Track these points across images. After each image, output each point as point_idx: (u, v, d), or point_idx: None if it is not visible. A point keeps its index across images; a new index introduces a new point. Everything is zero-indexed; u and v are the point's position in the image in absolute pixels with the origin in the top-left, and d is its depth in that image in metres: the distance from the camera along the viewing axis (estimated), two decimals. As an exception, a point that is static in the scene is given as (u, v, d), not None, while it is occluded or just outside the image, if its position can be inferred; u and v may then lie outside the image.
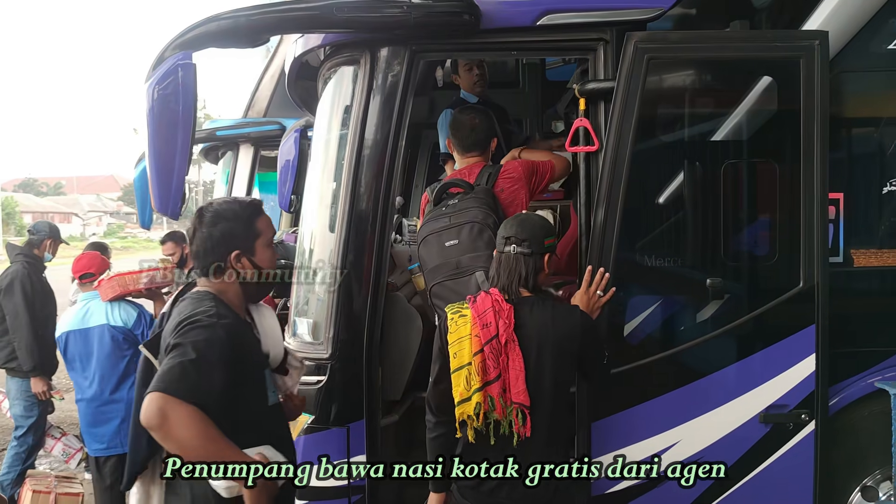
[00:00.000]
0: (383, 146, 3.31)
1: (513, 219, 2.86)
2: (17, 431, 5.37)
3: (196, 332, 2.18)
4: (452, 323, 2.71)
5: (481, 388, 2.61)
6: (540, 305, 2.74)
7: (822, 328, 3.17)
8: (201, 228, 2.39)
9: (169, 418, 2.04)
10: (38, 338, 5.19)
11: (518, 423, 2.62)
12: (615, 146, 3.13)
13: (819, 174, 3.14)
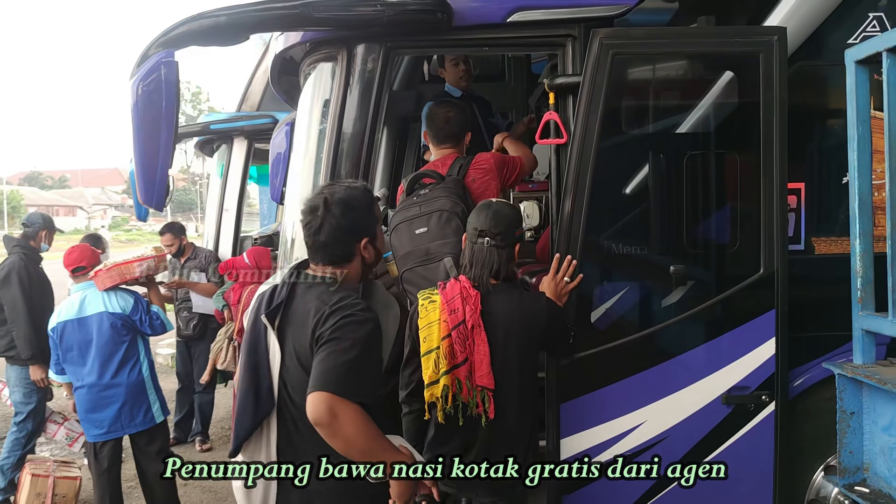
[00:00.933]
0: (360, 138, 3.44)
1: (484, 209, 2.96)
2: (16, 417, 5.52)
3: (354, 327, 2.27)
4: (423, 308, 2.86)
5: (448, 372, 2.75)
6: (507, 292, 2.89)
7: (782, 313, 3.30)
8: (330, 219, 2.41)
9: (338, 418, 2.16)
10: (35, 327, 5.32)
11: (482, 405, 2.76)
12: (581, 139, 3.26)
13: (778, 165, 3.27)
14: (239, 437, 2.45)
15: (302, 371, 2.35)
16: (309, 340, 2.32)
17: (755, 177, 3.29)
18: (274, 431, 2.42)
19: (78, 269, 4.93)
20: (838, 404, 2.79)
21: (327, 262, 2.48)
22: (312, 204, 2.46)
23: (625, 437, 3.36)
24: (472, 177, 3.55)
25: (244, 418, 2.43)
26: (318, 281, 2.48)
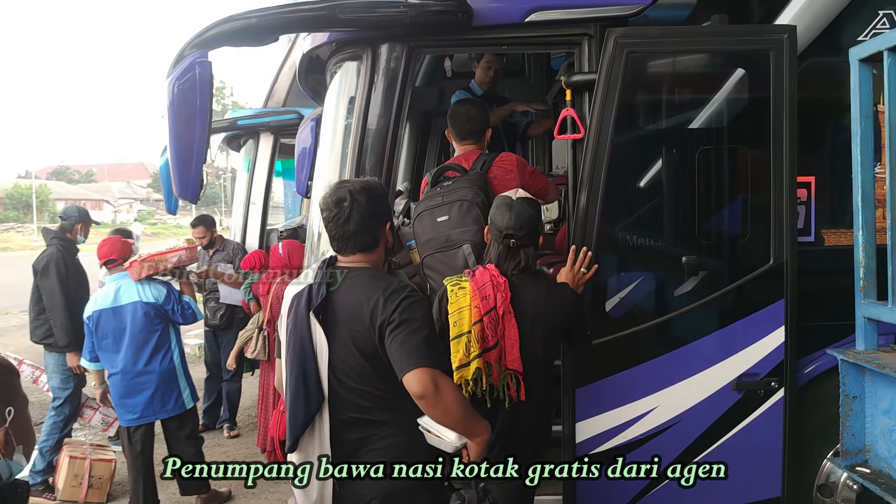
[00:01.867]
0: (384, 134, 3.58)
1: (506, 210, 3.04)
2: (54, 402, 5.73)
3: (416, 307, 2.46)
4: (452, 294, 2.97)
5: (480, 355, 2.88)
6: (534, 282, 3.04)
7: (791, 302, 3.41)
8: (358, 207, 2.55)
9: (440, 388, 2.38)
10: (72, 316, 5.52)
11: (513, 387, 2.91)
12: (596, 134, 3.38)
13: (788, 159, 3.37)
14: (295, 433, 2.58)
15: (359, 357, 2.50)
16: (367, 327, 2.47)
17: (765, 171, 3.40)
18: (326, 423, 2.55)
19: (110, 262, 5.14)
20: (841, 388, 2.90)
21: (357, 249, 2.62)
22: (338, 196, 2.59)
23: (638, 421, 3.49)
24: (495, 173, 3.69)
25: (297, 415, 2.56)
26: (367, 272, 2.61)
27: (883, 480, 2.66)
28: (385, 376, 2.50)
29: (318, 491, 2.57)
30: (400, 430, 2.55)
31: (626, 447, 3.50)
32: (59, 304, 5.54)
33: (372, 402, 2.53)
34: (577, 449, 3.51)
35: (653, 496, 3.53)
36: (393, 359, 2.45)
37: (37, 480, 5.58)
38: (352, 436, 2.56)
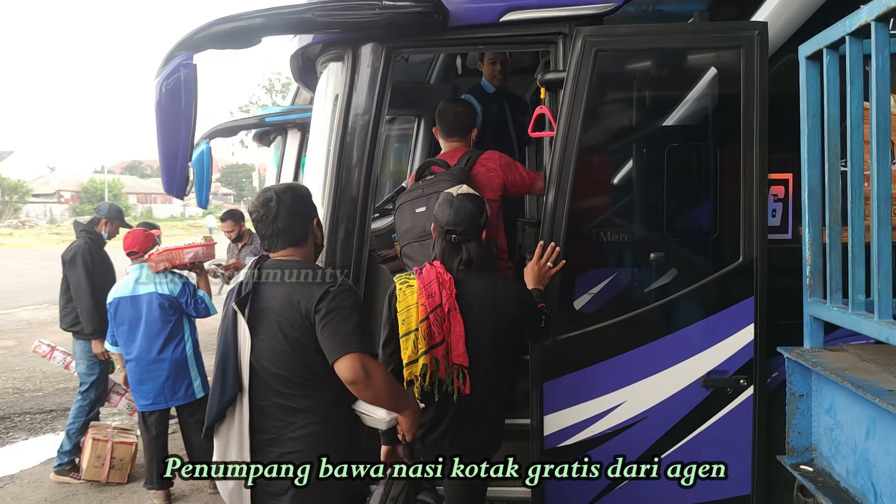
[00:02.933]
0: (365, 131, 3.70)
1: (447, 206, 3.07)
2: (81, 387, 6.04)
3: (345, 295, 2.64)
4: (400, 293, 3.06)
5: (427, 352, 2.97)
6: (480, 277, 3.08)
7: (761, 300, 3.40)
8: (283, 209, 2.73)
9: (370, 373, 2.57)
10: (97, 305, 5.80)
11: (458, 381, 2.99)
12: (564, 132, 3.43)
13: (758, 156, 3.36)
14: (210, 420, 2.75)
15: (286, 344, 2.65)
16: (297, 315, 2.62)
17: (736, 168, 3.39)
18: (246, 411, 2.71)
19: (132, 253, 5.40)
20: (788, 386, 2.88)
21: (287, 244, 2.78)
22: (265, 197, 2.77)
23: (606, 415, 3.53)
24: (478, 170, 3.78)
25: (213, 403, 2.74)
26: (297, 265, 2.76)
27: (822, 479, 2.66)
28: (309, 364, 2.65)
29: (235, 481, 2.72)
30: (319, 418, 2.69)
31: (594, 441, 3.55)
32: (85, 293, 5.83)
33: (294, 389, 2.68)
34: (545, 442, 3.57)
35: (621, 490, 3.56)
36: (324, 346, 2.59)
37: (64, 461, 5.90)
38: (272, 423, 2.70)
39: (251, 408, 2.72)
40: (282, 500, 2.73)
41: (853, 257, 2.45)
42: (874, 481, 2.35)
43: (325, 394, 2.68)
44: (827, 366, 2.56)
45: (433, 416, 3.09)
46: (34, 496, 5.69)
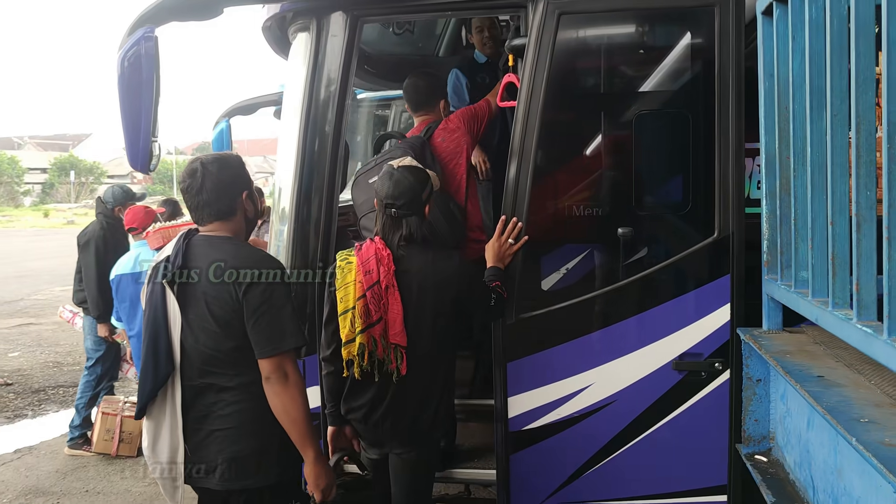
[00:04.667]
0: (331, 100, 3.60)
1: (387, 179, 3.01)
2: (87, 362, 6.16)
3: (275, 285, 2.57)
4: (339, 270, 2.98)
5: (364, 330, 2.88)
6: (421, 253, 2.98)
7: (738, 278, 3.17)
8: (209, 180, 2.64)
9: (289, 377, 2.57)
10: (103, 291, 5.87)
11: (395, 361, 2.89)
12: (527, 100, 3.25)
13: (734, 124, 3.12)
14: (143, 401, 2.69)
15: (214, 323, 2.58)
16: (225, 295, 2.55)
17: (710, 137, 3.16)
18: (178, 390, 2.64)
19: (132, 230, 5.45)
20: (744, 370, 2.67)
21: (214, 218, 2.68)
22: (191, 168, 2.68)
23: (572, 398, 3.35)
24: (440, 136, 3.67)
25: (146, 383, 2.67)
26: (215, 240, 2.68)
27: (774, 471, 2.45)
28: (239, 344, 2.57)
29: (168, 457, 2.66)
30: (249, 395, 2.62)
31: (561, 424, 3.38)
32: (93, 279, 5.91)
33: (223, 368, 2.61)
34: (510, 424, 3.43)
35: (591, 475, 3.40)
36: (252, 338, 2.55)
37: (75, 435, 6.04)
38: (201, 401, 2.65)
39: (182, 387, 2.66)
40: (211, 479, 2.69)
41: (795, 230, 2.23)
42: (813, 474, 2.14)
43: (254, 372, 2.61)
44: (771, 348, 2.35)
45: (373, 396, 3.00)
46: (47, 467, 5.84)
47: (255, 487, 2.67)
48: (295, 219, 3.70)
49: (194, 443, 2.68)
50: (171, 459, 2.68)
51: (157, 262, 2.71)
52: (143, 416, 2.74)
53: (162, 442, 2.69)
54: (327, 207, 3.66)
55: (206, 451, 2.65)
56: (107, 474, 5.66)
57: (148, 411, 2.71)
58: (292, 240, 3.69)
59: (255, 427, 2.64)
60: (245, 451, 2.63)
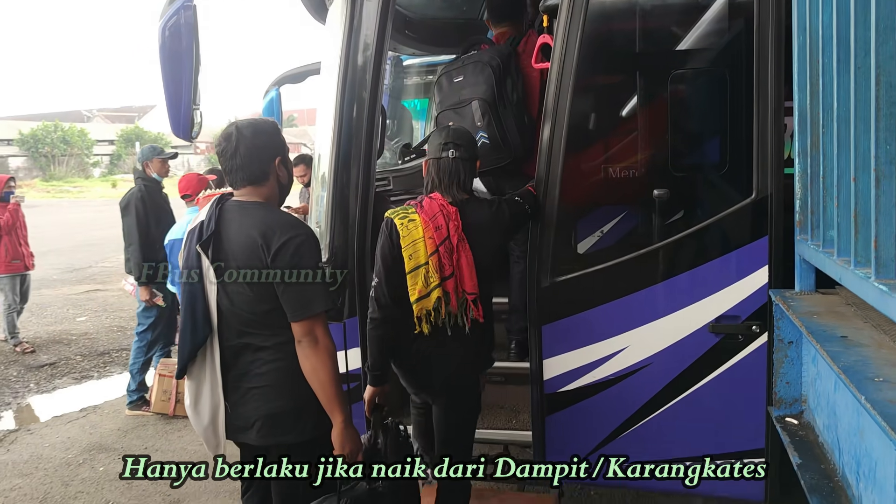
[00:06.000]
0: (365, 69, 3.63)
1: (444, 129, 3.19)
2: (138, 329, 6.36)
3: (307, 247, 2.63)
4: (403, 227, 3.02)
5: (439, 285, 2.97)
6: (476, 203, 3.13)
7: (776, 239, 3.10)
8: (243, 144, 2.68)
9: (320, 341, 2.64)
10: (146, 254, 6.04)
11: (471, 312, 3.01)
12: (560, 59, 3.22)
13: (773, 82, 3.04)
14: (183, 361, 2.79)
15: (247, 288, 2.65)
16: (257, 261, 2.61)
17: (748, 96, 3.08)
18: (217, 351, 2.74)
19: (185, 196, 5.60)
20: (775, 332, 2.62)
21: (247, 182, 2.73)
22: (226, 132, 2.73)
23: (607, 360, 3.36)
24: (523, 47, 3.84)
25: (185, 345, 2.77)
26: (246, 205, 2.73)
27: (804, 433, 2.42)
28: (271, 305, 2.64)
29: (210, 415, 2.76)
30: (284, 355, 2.69)
31: (596, 387, 3.39)
32: (135, 241, 6.07)
33: (259, 329, 2.69)
34: (545, 386, 3.45)
35: (626, 437, 3.40)
36: (284, 302, 2.61)
37: (133, 399, 6.29)
38: (240, 361, 2.74)
39: (221, 347, 2.76)
40: (249, 434, 2.78)
41: (824, 189, 2.17)
42: (839, 436, 2.11)
43: (289, 332, 2.68)
44: (799, 309, 2.31)
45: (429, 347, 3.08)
46: (110, 425, 6.11)
47: (292, 443, 2.76)
48: (334, 184, 3.75)
49: (233, 400, 2.77)
50: (213, 417, 2.78)
51: (192, 226, 2.78)
52: (183, 376, 2.85)
53: (203, 401, 2.79)
54: (365, 172, 3.71)
55: (245, 409, 2.74)
56: (165, 433, 5.89)
57: (189, 371, 2.81)
58: (331, 205, 3.76)
59: (290, 385, 2.72)
60: (281, 409, 2.72)
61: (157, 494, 4.76)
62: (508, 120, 3.67)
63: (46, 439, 5.83)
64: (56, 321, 10.01)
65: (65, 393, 7.12)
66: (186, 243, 2.79)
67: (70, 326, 9.66)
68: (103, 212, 28.51)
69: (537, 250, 3.35)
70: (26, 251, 8.49)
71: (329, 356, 2.65)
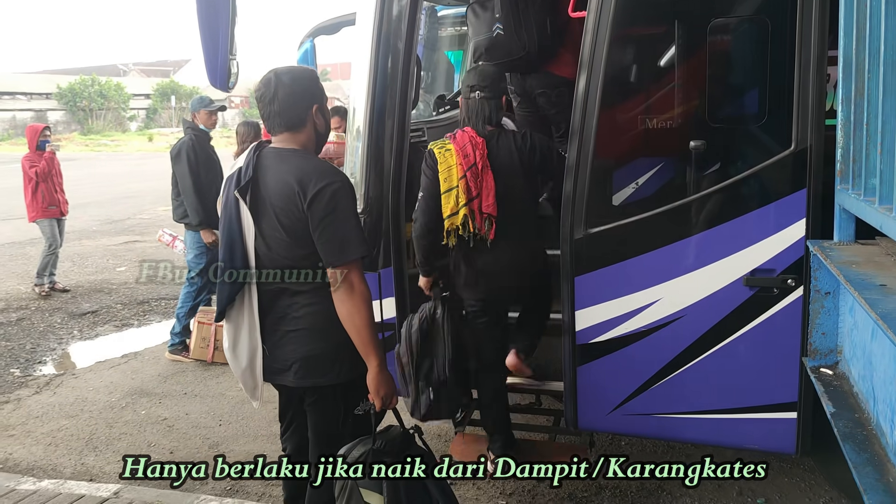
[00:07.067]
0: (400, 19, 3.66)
1: (472, 70, 3.66)
2: (188, 274, 6.51)
3: (342, 194, 2.65)
4: (440, 155, 3.48)
5: (466, 204, 3.41)
6: (504, 136, 3.55)
7: (814, 192, 3.06)
8: (282, 90, 2.70)
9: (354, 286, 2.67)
10: (201, 198, 6.18)
11: (485, 228, 3.45)
12: (597, 9, 3.18)
13: (817, 29, 2.97)
14: (222, 304, 2.85)
15: (284, 233, 2.70)
16: (294, 207, 2.65)
17: (790, 44, 3.01)
18: (255, 295, 2.79)
19: None
20: (812, 283, 2.60)
21: (283, 128, 2.76)
22: (265, 78, 2.74)
23: (640, 312, 3.37)
24: None
25: (224, 289, 2.82)
26: (284, 152, 2.76)
27: (839, 383, 2.42)
28: (307, 250, 2.69)
29: (248, 357, 2.83)
30: (320, 298, 2.74)
31: (628, 339, 3.41)
32: (189, 187, 6.20)
33: (295, 274, 2.73)
34: (577, 337, 3.48)
35: (657, 388, 3.42)
36: (319, 248, 2.66)
37: (175, 341, 6.45)
38: (277, 304, 2.79)
39: (259, 291, 2.82)
40: (286, 376, 2.85)
41: (867, 136, 2.14)
42: (874, 385, 2.11)
43: (325, 277, 2.72)
44: (838, 259, 2.29)
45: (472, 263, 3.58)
46: (150, 371, 6.28)
47: (328, 385, 2.84)
48: (369, 135, 3.77)
49: (272, 343, 2.83)
50: (251, 360, 2.85)
51: (231, 173, 2.83)
52: (221, 319, 2.91)
53: (242, 344, 2.85)
54: (400, 123, 3.74)
55: (282, 351, 2.81)
56: (203, 379, 6.05)
57: (227, 315, 2.87)
58: (366, 156, 3.78)
59: (327, 329, 2.77)
60: (317, 351, 2.79)
61: (197, 437, 4.91)
62: (528, 16, 3.93)
63: (90, 383, 6.03)
64: (97, 271, 10.24)
65: (106, 340, 7.33)
66: (225, 189, 2.83)
67: (110, 276, 9.88)
68: (140, 165, 28.88)
69: (571, 201, 3.34)
70: (62, 198, 8.98)
71: (364, 302, 2.69)
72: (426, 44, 6.59)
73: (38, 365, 6.57)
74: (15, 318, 7.93)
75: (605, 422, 3.58)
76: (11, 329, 7.57)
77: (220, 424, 5.11)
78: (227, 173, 2.88)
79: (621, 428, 3.63)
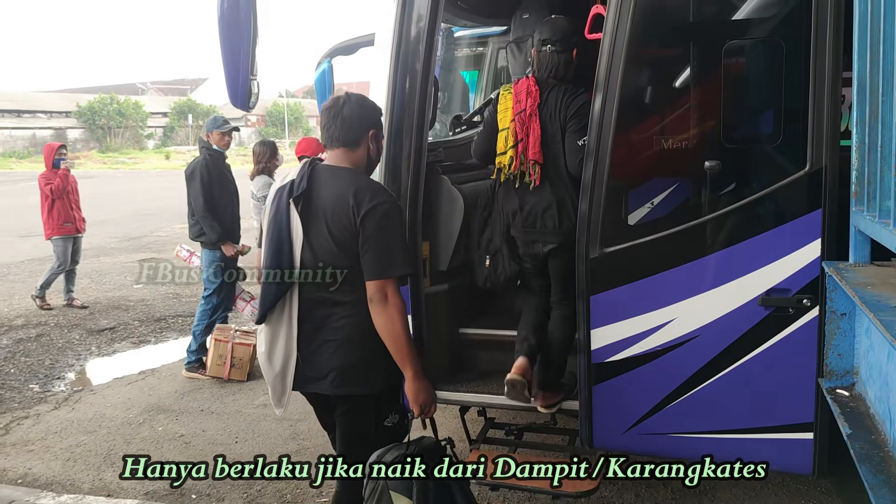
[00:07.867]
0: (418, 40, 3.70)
1: (546, 23, 3.74)
2: (205, 293, 6.58)
3: (391, 213, 2.81)
4: (502, 98, 3.73)
5: (514, 146, 3.59)
6: (560, 88, 3.64)
7: (830, 212, 3.07)
8: (348, 108, 2.89)
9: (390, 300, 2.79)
10: (216, 216, 6.27)
11: (532, 173, 3.59)
12: (612, 31, 3.22)
13: (832, 51, 2.99)
14: (265, 308, 2.93)
15: (332, 244, 2.82)
16: (345, 220, 2.78)
17: (804, 66, 3.04)
18: (296, 302, 2.89)
19: (302, 157, 5.83)
20: (828, 304, 2.61)
21: (341, 143, 2.91)
22: (338, 95, 2.94)
23: (655, 331, 3.37)
24: None
25: (269, 292, 2.91)
26: (337, 169, 2.90)
27: (855, 405, 2.42)
28: (352, 262, 2.81)
29: (282, 364, 2.90)
30: (359, 311, 2.84)
31: (643, 357, 3.41)
32: (202, 206, 6.29)
33: (338, 285, 2.83)
34: (593, 356, 3.49)
35: (673, 408, 3.42)
36: (364, 262, 2.78)
37: (192, 359, 6.51)
38: (316, 314, 2.89)
39: (299, 299, 2.90)
40: (322, 384, 2.91)
41: (882, 158, 2.15)
42: (891, 406, 2.11)
43: (364, 289, 2.82)
44: (853, 280, 2.30)
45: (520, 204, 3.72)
46: (167, 388, 6.33)
47: (362, 394, 2.92)
48: (386, 155, 3.81)
49: (308, 352, 2.92)
50: (284, 366, 2.94)
51: (281, 185, 2.94)
52: (262, 321, 2.98)
53: (278, 349, 2.93)
54: (417, 143, 3.78)
55: (318, 360, 2.90)
56: (220, 396, 6.09)
57: (268, 318, 2.96)
58: (384, 175, 3.82)
59: (364, 339, 2.87)
60: (354, 361, 2.88)
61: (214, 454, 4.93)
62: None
63: (108, 399, 6.08)
64: (114, 287, 10.34)
65: (124, 356, 7.40)
66: (275, 199, 2.93)
67: (128, 293, 9.97)
68: (157, 182, 29.14)
69: (586, 221, 3.37)
70: (78, 215, 9.15)
71: (399, 312, 2.79)
72: (442, 64, 6.65)
73: (56, 381, 6.64)
74: (34, 335, 8.01)
75: (620, 441, 3.59)
76: (31, 345, 7.65)
77: (236, 441, 5.13)
78: (275, 185, 2.99)
79: (637, 447, 3.63)
